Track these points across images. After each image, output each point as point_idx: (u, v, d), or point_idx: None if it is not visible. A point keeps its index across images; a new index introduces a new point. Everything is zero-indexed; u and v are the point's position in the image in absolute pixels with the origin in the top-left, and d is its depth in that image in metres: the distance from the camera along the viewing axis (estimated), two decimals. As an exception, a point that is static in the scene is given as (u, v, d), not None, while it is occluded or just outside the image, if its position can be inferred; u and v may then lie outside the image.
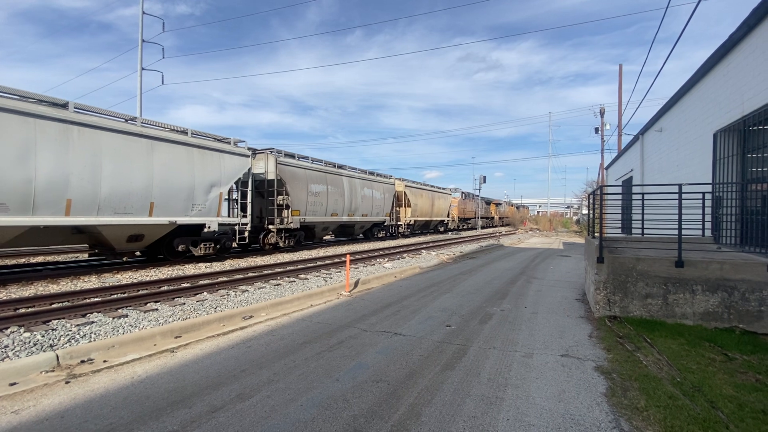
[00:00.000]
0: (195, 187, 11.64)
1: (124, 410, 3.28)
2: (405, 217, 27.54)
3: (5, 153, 7.84)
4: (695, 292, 5.78)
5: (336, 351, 4.75)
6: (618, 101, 23.71)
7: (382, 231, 25.64)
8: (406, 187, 27.45)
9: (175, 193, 11.10)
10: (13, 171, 7.92)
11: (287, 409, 3.30)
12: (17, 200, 8.03)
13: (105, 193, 9.47)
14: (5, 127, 7.84)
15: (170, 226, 11.18)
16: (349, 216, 20.19)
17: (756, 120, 7.35)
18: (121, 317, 6.09)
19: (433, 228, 34.22)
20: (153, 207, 10.54)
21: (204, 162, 11.93)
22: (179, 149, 11.30)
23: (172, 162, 11.01)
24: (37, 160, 8.26)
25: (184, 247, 12.06)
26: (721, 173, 8.48)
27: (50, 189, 8.50)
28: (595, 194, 8.30)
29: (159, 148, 10.71)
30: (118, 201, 9.76)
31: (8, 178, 7.85)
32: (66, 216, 8.82)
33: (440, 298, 7.78)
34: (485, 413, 3.27)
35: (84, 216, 9.15)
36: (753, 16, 6.98)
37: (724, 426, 3.03)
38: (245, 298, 7.62)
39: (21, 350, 4.64)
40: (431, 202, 31.29)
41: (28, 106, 8.26)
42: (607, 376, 4.03)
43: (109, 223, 9.61)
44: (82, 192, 9.02)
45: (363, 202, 21.38)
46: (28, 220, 8.21)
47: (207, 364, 4.31)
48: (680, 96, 11.14)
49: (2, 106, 7.81)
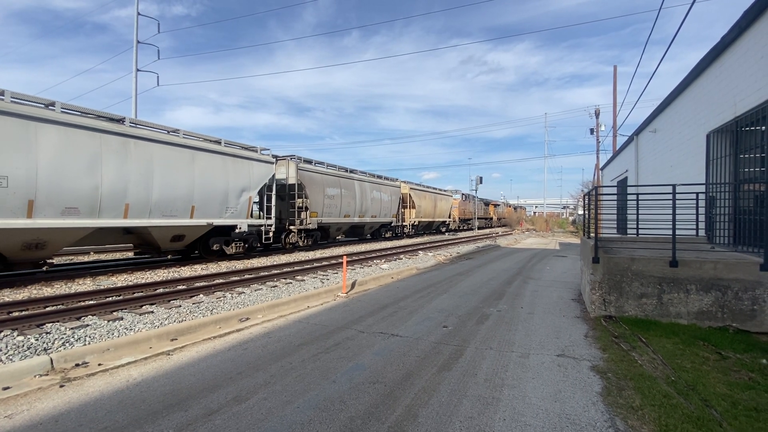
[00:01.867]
0: (228, 191, 12.93)
1: (120, 414, 3.26)
2: (410, 218, 28.91)
3: (78, 164, 9.07)
4: (689, 292, 5.83)
5: (333, 353, 4.74)
6: (613, 102, 23.89)
7: (389, 231, 26.83)
8: (411, 189, 28.75)
9: (212, 197, 12.36)
10: (84, 179, 9.16)
11: (284, 411, 3.29)
12: (87, 205, 9.26)
13: (155, 198, 10.71)
14: (78, 141, 9.09)
15: (207, 227, 12.42)
16: (359, 217, 21.62)
17: (748, 121, 7.42)
18: (116, 320, 6.06)
19: (435, 228, 35.35)
20: (194, 210, 11.81)
21: (236, 169, 13.24)
22: (215, 158, 12.59)
23: (209, 169, 12.30)
24: (102, 170, 9.52)
25: (218, 246, 13.19)
26: (715, 173, 8.55)
27: (112, 195, 9.75)
28: (591, 195, 8.35)
29: (199, 157, 12.00)
30: (165, 205, 10.98)
31: (80, 185, 9.11)
32: (124, 218, 10.09)
33: (437, 299, 7.79)
34: (482, 413, 3.28)
35: (138, 218, 10.40)
36: (744, 18, 7.05)
37: (717, 424, 3.05)
38: (241, 300, 7.60)
39: (14, 354, 4.60)
40: (434, 203, 32.62)
41: (96, 122, 9.54)
42: (603, 375, 4.06)
43: (157, 224, 10.84)
44: (137, 197, 10.26)
45: (372, 205, 22.85)
46: (95, 222, 9.46)
47: (203, 367, 4.29)
48: (674, 97, 11.24)
49: (75, 123, 9.03)
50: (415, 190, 29.49)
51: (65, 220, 8.89)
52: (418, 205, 29.43)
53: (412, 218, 29.08)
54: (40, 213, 8.47)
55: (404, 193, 28.15)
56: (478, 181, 41.01)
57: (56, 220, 8.73)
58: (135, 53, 22.17)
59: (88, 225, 9.32)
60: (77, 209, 9.07)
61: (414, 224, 29.50)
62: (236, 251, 13.67)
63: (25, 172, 8.17)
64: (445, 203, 35.29)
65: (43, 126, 8.52)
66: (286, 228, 16.90)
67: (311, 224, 17.35)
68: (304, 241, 17.65)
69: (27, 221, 8.26)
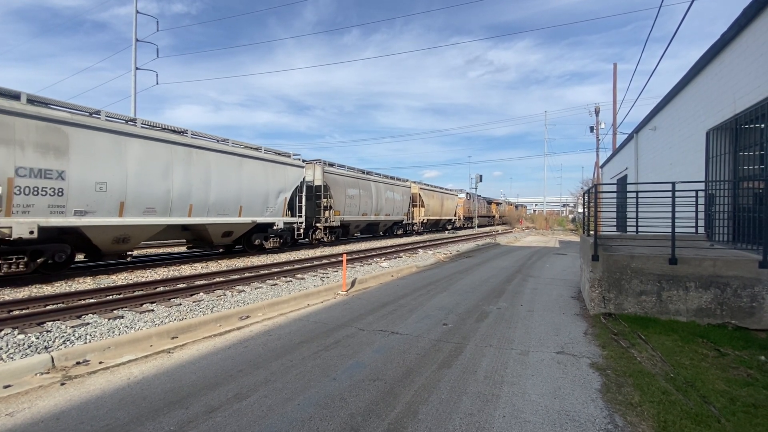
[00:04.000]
0: (268, 193, 14.68)
1: (121, 411, 3.28)
2: (419, 216, 30.56)
3: (155, 171, 10.73)
4: (688, 289, 5.84)
5: (333, 350, 4.76)
6: (613, 100, 23.87)
7: (400, 229, 28.59)
8: (420, 189, 30.46)
9: (256, 198, 14.09)
10: (159, 184, 10.84)
11: (284, 409, 3.31)
12: (161, 205, 10.92)
13: (212, 199, 12.44)
14: (155, 152, 10.77)
15: (251, 224, 14.13)
16: (375, 215, 23.48)
17: (747, 118, 7.43)
18: (117, 318, 6.07)
19: (441, 226, 36.95)
20: (241, 209, 13.53)
21: (274, 173, 15.04)
22: (258, 163, 14.32)
23: (253, 174, 14.03)
24: (173, 176, 11.21)
25: (259, 241, 14.96)
26: (714, 171, 8.56)
27: (180, 197, 11.42)
28: (590, 193, 8.36)
29: (245, 163, 13.75)
30: (219, 205, 12.71)
31: (157, 189, 10.77)
32: (189, 217, 11.77)
33: (437, 297, 7.81)
34: (481, 410, 3.29)
35: (199, 217, 12.12)
36: (744, 15, 7.05)
37: (716, 420, 3.07)
38: (242, 298, 7.61)
39: (15, 352, 4.61)
40: (441, 202, 34.42)
41: (167, 135, 11.26)
42: (602, 372, 4.07)
43: (213, 222, 12.56)
44: (198, 198, 11.99)
45: (386, 204, 24.84)
46: (167, 220, 11.14)
47: (204, 365, 4.31)
48: (674, 95, 11.24)
49: (153, 137, 10.76)
50: (424, 189, 31.02)
51: (146, 219, 10.58)
52: (426, 204, 30.92)
53: (422, 216, 30.56)
54: (128, 212, 10.14)
55: (414, 192, 29.65)
56: (477, 180, 41.04)
57: (140, 219, 10.42)
58: (134, 51, 22.12)
59: (162, 222, 11.02)
60: (154, 209, 10.77)
61: (423, 222, 31.00)
62: (273, 246, 15.57)
63: (118, 178, 9.87)
64: (451, 202, 36.87)
65: (129, 140, 10.19)
66: (312, 225, 18.63)
67: (335, 222, 19.18)
68: (328, 237, 19.33)
69: (119, 219, 9.96)
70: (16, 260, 8.41)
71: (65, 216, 8.92)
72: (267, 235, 15.23)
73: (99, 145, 9.51)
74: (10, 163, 8.05)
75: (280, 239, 15.88)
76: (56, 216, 8.76)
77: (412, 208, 29.64)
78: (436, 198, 33.35)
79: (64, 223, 8.91)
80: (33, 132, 8.42)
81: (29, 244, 8.56)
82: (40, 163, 8.48)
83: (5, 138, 8.03)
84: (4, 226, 7.96)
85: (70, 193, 8.95)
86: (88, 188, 9.27)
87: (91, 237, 9.59)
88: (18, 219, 8.13)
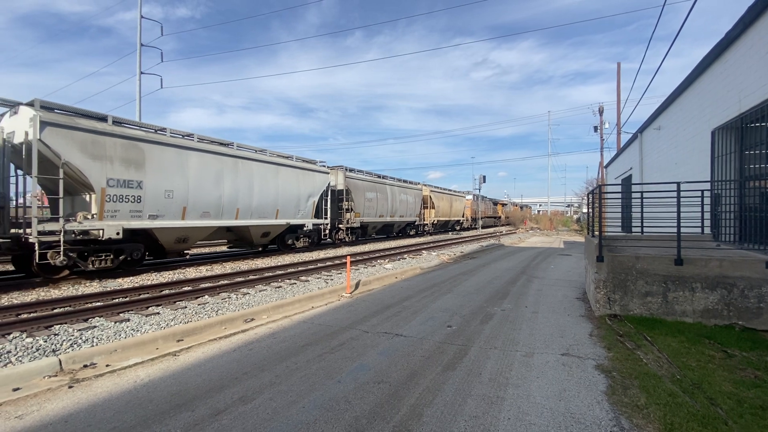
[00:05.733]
0: (300, 197, 16.32)
1: (128, 414, 3.30)
2: (429, 217, 31.96)
3: (209, 179, 12.35)
4: (695, 290, 5.80)
5: (337, 353, 4.77)
6: (617, 99, 23.73)
7: (413, 229, 29.96)
8: (431, 192, 31.83)
9: (289, 202, 15.75)
10: (212, 191, 12.46)
11: (289, 411, 3.32)
12: (214, 209, 12.55)
13: (255, 203, 14.04)
14: (209, 163, 12.42)
15: (285, 226, 15.83)
16: (390, 217, 25.36)
17: (754, 117, 7.37)
18: (123, 321, 6.12)
19: (450, 227, 38.01)
20: (278, 212, 15.23)
21: (304, 179, 16.69)
22: (291, 171, 16.00)
23: (287, 180, 15.69)
24: (223, 184, 12.79)
25: (291, 240, 16.79)
26: (720, 171, 8.49)
27: (229, 202, 13.01)
28: (595, 193, 8.32)
29: (281, 171, 15.44)
30: (260, 209, 14.33)
31: (210, 195, 12.40)
32: (236, 219, 13.37)
33: (441, 299, 7.80)
34: (486, 413, 3.29)
35: (244, 219, 13.71)
36: (749, 13, 7.00)
37: (723, 422, 3.04)
38: (246, 300, 7.64)
39: (24, 356, 4.66)
40: (450, 204, 35.74)
41: (218, 147, 12.89)
42: (608, 374, 4.05)
43: (256, 224, 14.22)
44: (244, 203, 13.58)
45: (400, 206, 26.49)
46: (219, 222, 12.80)
47: (209, 367, 4.33)
48: (678, 94, 11.16)
49: (207, 149, 12.42)
50: (434, 192, 32.45)
51: (202, 221, 12.21)
52: (437, 205, 32.32)
53: (432, 218, 31.99)
54: (189, 216, 11.76)
55: (425, 195, 31.02)
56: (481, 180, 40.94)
57: (198, 221, 12.04)
58: (138, 56, 22.31)
59: (215, 224, 12.71)
60: (209, 213, 12.41)
61: (434, 223, 32.44)
62: (303, 245, 17.45)
63: (181, 186, 11.44)
64: (459, 203, 38.26)
65: (189, 152, 11.80)
66: (335, 226, 20.33)
67: (355, 223, 21.02)
68: (349, 237, 21.06)
69: (181, 222, 11.56)
70: (104, 257, 10.00)
71: (142, 219, 10.51)
72: (298, 236, 17.02)
73: (167, 158, 11.10)
74: (103, 176, 9.62)
75: (309, 239, 17.72)
76: (135, 219, 10.36)
77: (423, 210, 30.82)
78: (445, 200, 34.54)
79: (141, 225, 10.49)
80: (119, 149, 10.00)
81: (114, 243, 10.10)
82: (124, 174, 10.07)
83: (99, 155, 9.57)
84: (97, 228, 9.50)
85: (146, 199, 10.53)
86: (159, 195, 10.84)
87: (159, 237, 11.18)
88: (108, 222, 9.70)
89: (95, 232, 9.48)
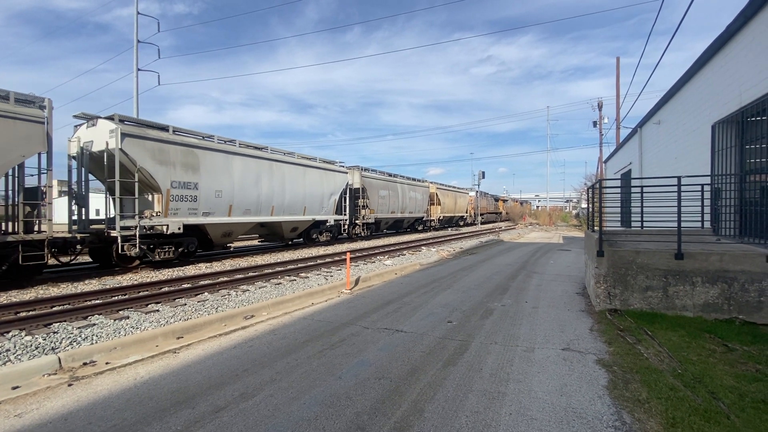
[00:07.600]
0: (323, 195, 18.10)
1: (128, 411, 3.29)
2: (435, 213, 33.66)
3: (250, 180, 13.98)
4: (695, 284, 5.79)
5: (338, 349, 4.76)
6: (616, 94, 23.68)
7: (420, 225, 31.72)
8: (438, 189, 33.59)
9: (314, 200, 17.49)
10: (252, 190, 14.14)
11: (290, 408, 3.31)
12: (254, 207, 14.24)
13: (287, 201, 15.83)
14: (249, 166, 14.08)
15: (311, 221, 17.65)
16: (401, 213, 27.26)
17: (754, 111, 7.34)
18: (123, 319, 6.10)
19: (455, 222, 39.42)
20: (305, 210, 17.01)
21: (327, 179, 18.43)
22: (315, 171, 17.74)
23: (313, 180, 17.41)
24: (261, 184, 14.51)
25: (316, 235, 18.67)
26: (720, 165, 8.48)
27: (266, 200, 14.76)
28: (594, 188, 8.30)
29: (308, 172, 17.21)
30: (291, 206, 16.12)
31: (251, 194, 14.07)
32: (271, 216, 15.14)
33: (441, 295, 7.79)
34: (488, 408, 3.28)
35: (278, 216, 15.48)
36: (750, 6, 6.96)
37: (725, 416, 3.04)
38: (246, 297, 7.63)
39: (23, 354, 4.64)
40: (455, 200, 37.37)
41: (256, 152, 14.64)
42: (609, 369, 4.05)
43: (287, 219, 16.06)
44: (278, 201, 15.33)
45: (409, 203, 28.32)
46: (257, 218, 14.52)
47: (209, 364, 4.32)
48: (678, 88, 11.12)
49: (247, 153, 14.10)
50: (441, 189, 34.17)
51: (245, 218, 13.89)
52: (442, 202, 33.94)
53: (438, 214, 33.71)
54: (234, 213, 13.39)
55: (432, 192, 32.68)
56: (480, 176, 40.98)
57: (241, 218, 13.71)
58: (135, 53, 22.16)
59: (254, 220, 14.42)
60: (250, 210, 14.07)
61: (439, 218, 34.15)
62: (326, 239, 19.35)
63: (228, 187, 13.08)
64: (463, 200, 39.95)
65: (234, 157, 13.53)
66: (352, 222, 22.25)
67: (370, 219, 22.96)
68: (365, 232, 23.08)
69: (228, 218, 13.21)
70: (167, 249, 11.48)
71: (197, 216, 12.15)
72: (321, 231, 18.87)
73: (216, 162, 12.76)
74: (167, 179, 11.21)
75: (330, 233, 19.61)
76: (192, 216, 11.98)
77: (430, 206, 32.46)
78: (450, 196, 36.08)
79: (197, 221, 12.12)
80: (179, 155, 11.62)
81: (175, 237, 11.65)
82: (184, 177, 11.66)
83: (165, 160, 11.18)
84: (163, 224, 11.07)
85: (200, 199, 12.16)
86: (210, 195, 12.48)
87: (209, 232, 12.79)
88: (171, 219, 11.31)
89: (161, 228, 10.97)
